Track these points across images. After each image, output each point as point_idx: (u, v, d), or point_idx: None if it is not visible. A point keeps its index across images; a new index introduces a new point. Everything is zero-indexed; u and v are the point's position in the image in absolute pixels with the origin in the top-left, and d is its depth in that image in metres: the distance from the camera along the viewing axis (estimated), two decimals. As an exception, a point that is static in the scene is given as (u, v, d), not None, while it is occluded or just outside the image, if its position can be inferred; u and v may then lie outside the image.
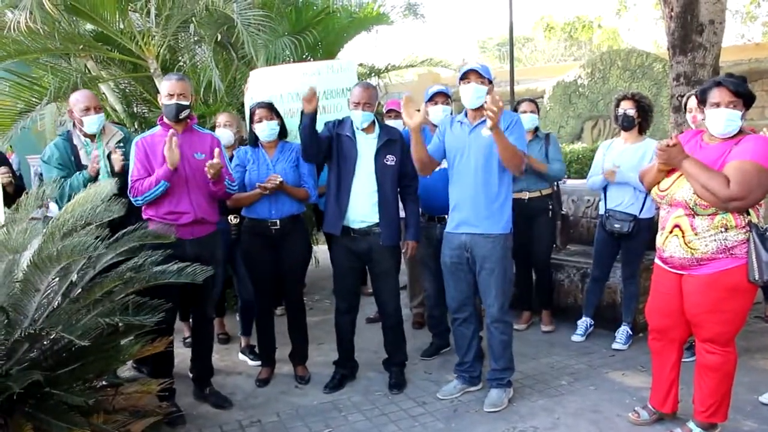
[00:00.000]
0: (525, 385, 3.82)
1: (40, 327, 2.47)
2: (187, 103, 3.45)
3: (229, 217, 4.24)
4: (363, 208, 3.65)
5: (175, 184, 3.37)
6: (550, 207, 4.68)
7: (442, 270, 3.73)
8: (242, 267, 4.28)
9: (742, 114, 2.80)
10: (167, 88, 3.40)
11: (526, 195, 4.59)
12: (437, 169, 3.79)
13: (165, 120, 3.46)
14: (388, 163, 3.66)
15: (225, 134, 4.27)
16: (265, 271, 3.87)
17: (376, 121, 3.74)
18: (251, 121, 3.80)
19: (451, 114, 4.02)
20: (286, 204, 3.75)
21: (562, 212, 4.81)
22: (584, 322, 4.65)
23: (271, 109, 3.78)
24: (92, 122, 3.66)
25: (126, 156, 3.63)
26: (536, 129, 4.69)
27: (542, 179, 4.62)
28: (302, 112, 3.54)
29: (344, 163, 3.65)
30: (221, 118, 4.39)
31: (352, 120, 3.68)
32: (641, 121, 4.28)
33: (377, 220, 3.66)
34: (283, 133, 3.86)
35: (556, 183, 4.78)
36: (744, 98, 2.80)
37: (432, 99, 4.14)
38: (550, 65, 22.55)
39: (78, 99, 3.67)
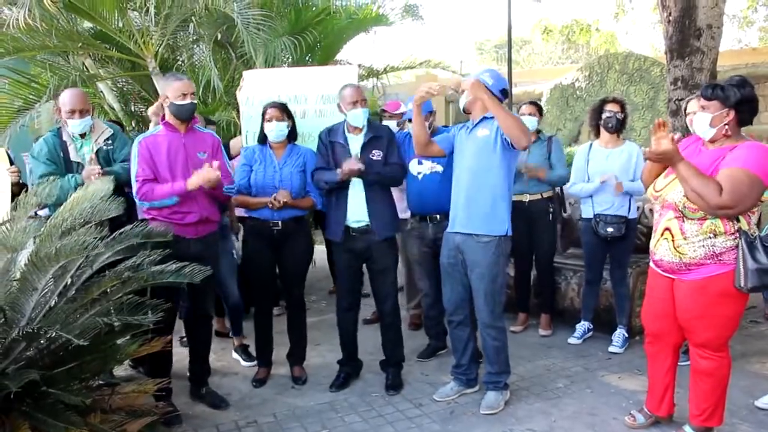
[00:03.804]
0: (521, 387, 3.82)
1: (37, 326, 2.46)
2: (196, 102, 3.48)
3: None
4: (359, 207, 3.66)
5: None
6: (551, 210, 4.67)
7: (438, 270, 3.77)
8: (225, 268, 4.25)
9: (717, 116, 2.76)
10: (181, 87, 3.39)
11: (526, 198, 4.59)
12: (428, 172, 4.00)
13: (170, 120, 3.45)
14: (374, 158, 3.65)
15: None
16: (266, 271, 3.87)
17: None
18: (262, 120, 3.79)
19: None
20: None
21: (564, 216, 4.80)
22: (583, 325, 4.65)
23: (283, 110, 3.77)
24: (76, 125, 3.59)
25: (107, 160, 3.63)
26: (538, 132, 4.68)
27: (543, 182, 4.61)
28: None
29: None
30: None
31: (351, 121, 3.69)
32: (624, 124, 4.40)
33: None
34: (292, 135, 3.84)
35: (559, 186, 4.78)
36: (720, 100, 2.75)
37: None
38: (547, 68, 22.60)
39: (65, 101, 3.61)
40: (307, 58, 6.22)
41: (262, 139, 3.84)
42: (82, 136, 3.66)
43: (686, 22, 6.02)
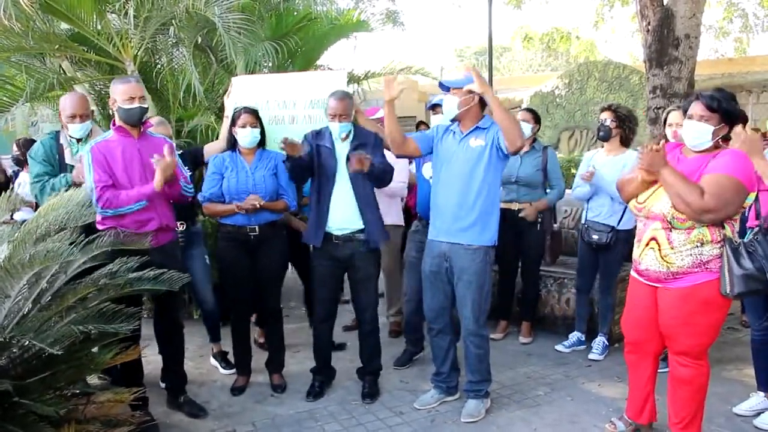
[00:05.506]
0: (502, 395, 3.82)
1: (9, 334, 2.41)
2: (146, 106, 3.40)
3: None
4: (344, 214, 3.63)
5: None
6: (540, 220, 4.66)
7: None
8: (199, 274, 4.17)
9: (717, 129, 2.80)
10: (126, 91, 3.27)
11: (516, 206, 4.58)
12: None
13: (121, 124, 3.34)
14: None
15: None
16: (243, 278, 3.82)
17: (353, 128, 3.73)
18: (233, 125, 3.76)
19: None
20: (264, 210, 3.71)
21: (554, 227, 4.79)
22: (575, 335, 4.62)
23: (256, 116, 3.75)
24: (76, 130, 3.62)
25: None
26: (534, 140, 4.65)
27: (534, 191, 4.60)
28: (287, 155, 3.55)
29: (323, 173, 3.65)
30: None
31: (331, 130, 3.67)
32: (621, 132, 4.29)
33: (360, 226, 3.65)
34: (262, 141, 3.82)
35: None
36: (721, 113, 2.80)
37: (433, 108, 4.22)
38: (527, 75, 22.77)
39: (65, 106, 3.63)
40: (287, 64, 6.18)
41: (232, 145, 3.80)
42: (79, 140, 3.63)
43: (665, 31, 6.10)
